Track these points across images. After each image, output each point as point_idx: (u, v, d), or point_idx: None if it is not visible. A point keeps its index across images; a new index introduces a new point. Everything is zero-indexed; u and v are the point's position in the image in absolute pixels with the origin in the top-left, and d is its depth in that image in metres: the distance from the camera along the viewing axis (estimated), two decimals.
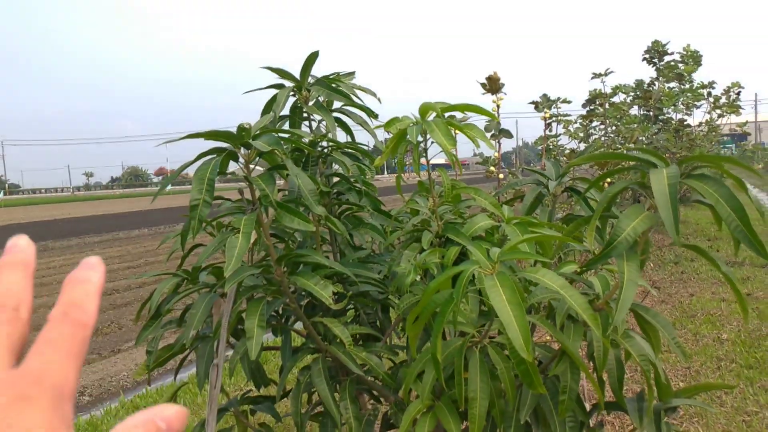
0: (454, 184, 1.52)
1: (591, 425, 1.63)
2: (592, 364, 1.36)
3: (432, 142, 1.47)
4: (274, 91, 1.79)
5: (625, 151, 6.00)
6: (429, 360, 1.21)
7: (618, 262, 1.13)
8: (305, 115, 1.82)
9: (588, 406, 1.54)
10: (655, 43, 8.12)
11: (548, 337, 1.89)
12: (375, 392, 1.60)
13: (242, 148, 1.33)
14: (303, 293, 1.55)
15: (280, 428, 3.11)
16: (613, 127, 7.39)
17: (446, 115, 1.50)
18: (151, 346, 1.84)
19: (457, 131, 1.56)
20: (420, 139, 1.47)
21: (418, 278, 1.42)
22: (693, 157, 1.23)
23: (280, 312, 1.75)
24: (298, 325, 1.68)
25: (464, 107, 1.48)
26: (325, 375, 1.43)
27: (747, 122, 9.73)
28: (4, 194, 78.90)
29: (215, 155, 1.34)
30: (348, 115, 1.82)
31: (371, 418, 1.52)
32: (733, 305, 5.13)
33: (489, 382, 1.17)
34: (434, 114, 1.43)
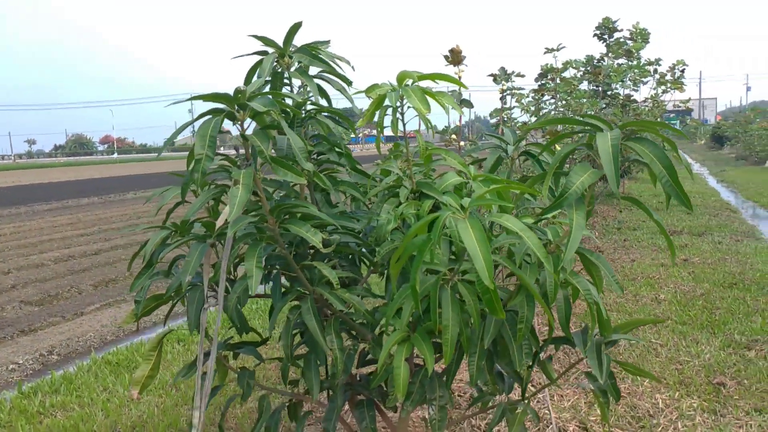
0: (427, 145, 1.70)
1: (542, 359, 1.87)
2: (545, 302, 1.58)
3: (408, 107, 1.64)
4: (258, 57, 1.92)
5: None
6: (408, 296, 1.40)
7: (568, 210, 1.34)
8: (286, 81, 1.96)
9: (540, 341, 1.76)
10: (606, 20, 8.43)
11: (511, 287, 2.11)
12: (354, 332, 1.79)
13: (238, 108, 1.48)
14: (291, 242, 1.71)
15: (260, 372, 3.28)
16: (564, 102, 7.69)
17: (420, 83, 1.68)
18: (140, 296, 1.98)
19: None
20: (397, 104, 1.64)
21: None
22: (633, 123, 1.43)
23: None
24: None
25: (437, 76, 1.66)
26: (314, 311, 1.60)
27: (690, 99, 10.19)
28: None
29: (212, 115, 1.49)
30: (327, 82, 1.97)
31: (351, 353, 1.71)
32: (671, 269, 5.51)
33: (459, 312, 1.37)
34: (411, 81, 1.60)
